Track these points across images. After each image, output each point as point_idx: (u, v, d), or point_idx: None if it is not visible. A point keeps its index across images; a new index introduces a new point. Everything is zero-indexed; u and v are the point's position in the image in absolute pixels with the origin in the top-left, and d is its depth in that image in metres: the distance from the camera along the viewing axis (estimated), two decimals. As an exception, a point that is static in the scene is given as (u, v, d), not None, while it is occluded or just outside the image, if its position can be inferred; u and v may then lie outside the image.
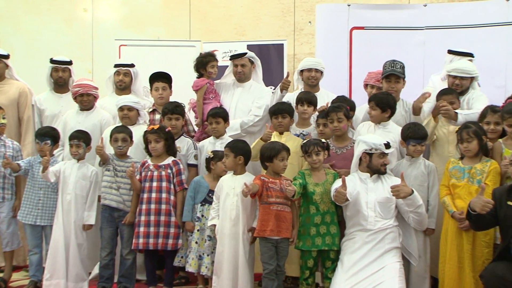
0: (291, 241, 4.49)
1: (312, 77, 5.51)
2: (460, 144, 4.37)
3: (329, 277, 4.42)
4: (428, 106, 4.89)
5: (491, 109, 4.55)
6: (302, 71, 5.57)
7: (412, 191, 4.22)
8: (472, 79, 5.03)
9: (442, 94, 4.81)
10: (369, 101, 4.86)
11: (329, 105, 5.05)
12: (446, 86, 5.05)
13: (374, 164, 4.40)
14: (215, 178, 4.84)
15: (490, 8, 6.33)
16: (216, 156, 4.81)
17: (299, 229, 4.51)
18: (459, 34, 6.25)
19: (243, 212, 4.52)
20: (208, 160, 4.87)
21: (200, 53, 5.82)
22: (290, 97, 5.35)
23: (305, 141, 4.61)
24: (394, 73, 5.02)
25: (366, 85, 5.64)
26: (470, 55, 5.33)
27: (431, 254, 4.54)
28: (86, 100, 5.42)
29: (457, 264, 4.21)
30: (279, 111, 5.00)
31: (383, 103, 4.78)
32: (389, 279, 4.18)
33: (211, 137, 5.18)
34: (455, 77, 5.00)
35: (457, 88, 4.98)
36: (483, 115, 4.59)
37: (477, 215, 3.95)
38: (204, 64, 5.55)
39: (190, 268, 4.77)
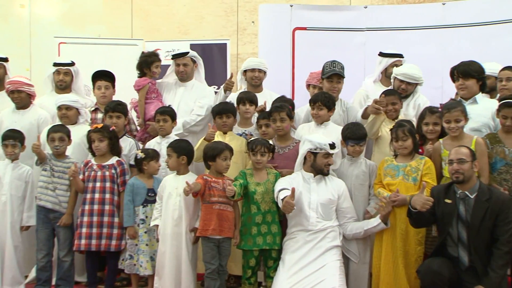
0: (235, 241, 4.49)
1: (255, 77, 5.52)
2: (394, 142, 4.44)
3: (271, 276, 4.44)
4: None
5: (429, 110, 4.65)
6: (245, 71, 5.58)
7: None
8: (416, 84, 5.15)
9: (385, 94, 4.90)
10: (314, 101, 4.87)
11: (267, 104, 5.09)
12: (377, 89, 5.17)
13: (318, 164, 4.43)
14: (149, 177, 4.79)
15: (427, 11, 6.50)
16: (148, 155, 4.76)
17: (241, 229, 4.51)
18: (398, 36, 6.39)
19: (186, 212, 4.49)
20: (140, 161, 4.78)
21: (143, 52, 5.74)
22: (232, 97, 5.35)
23: (252, 138, 4.63)
24: (337, 73, 5.08)
25: (308, 85, 5.67)
26: (400, 56, 5.47)
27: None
28: (18, 97, 5.26)
29: (392, 260, 4.28)
30: (224, 111, 4.98)
31: (330, 103, 4.83)
32: (330, 277, 4.22)
33: (158, 137, 5.11)
34: (401, 81, 5.09)
35: (402, 92, 5.07)
36: (421, 116, 4.69)
37: (417, 212, 4.05)
38: (149, 63, 5.49)
39: (146, 271, 4.66)
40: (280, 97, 5.29)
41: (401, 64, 5.40)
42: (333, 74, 5.05)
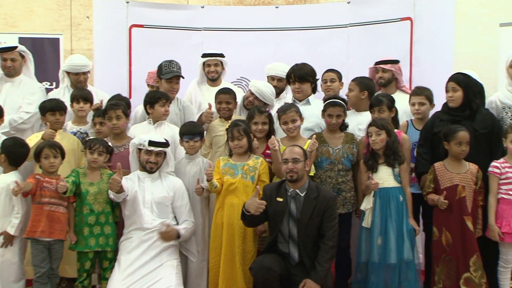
0: (72, 242, 4.33)
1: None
2: (230, 142, 4.50)
3: (107, 278, 4.33)
4: None
5: (258, 110, 4.73)
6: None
7: None
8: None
9: (219, 93, 4.99)
10: (160, 99, 4.81)
11: (103, 102, 4.97)
12: (203, 90, 5.34)
13: (140, 160, 4.43)
14: None
15: (262, 13, 6.69)
16: None
17: (74, 230, 4.36)
18: (234, 36, 6.48)
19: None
20: None
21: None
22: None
23: (89, 137, 4.55)
24: (178, 74, 5.07)
25: (148, 85, 5.63)
26: (221, 55, 5.59)
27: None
28: None
29: (230, 258, 4.34)
30: (57, 107, 4.79)
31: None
32: (166, 276, 4.21)
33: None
34: (253, 94, 5.11)
35: (248, 104, 5.13)
36: (250, 115, 4.76)
37: (251, 215, 4.14)
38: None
39: None
40: (115, 95, 5.19)
41: (215, 63, 5.56)
42: (175, 75, 5.05)
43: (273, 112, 4.89)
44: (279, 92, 5.44)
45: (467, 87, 4.43)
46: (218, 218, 4.45)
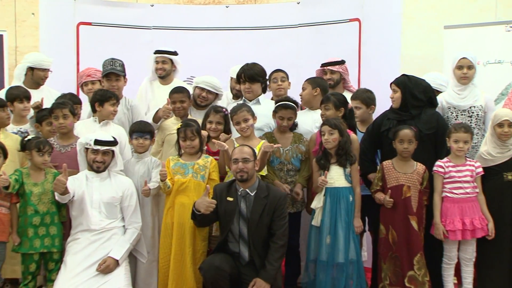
0: (15, 244, 4.22)
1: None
2: (182, 142, 4.48)
3: (53, 280, 4.24)
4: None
5: (214, 109, 4.76)
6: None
7: None
8: (216, 95, 5.27)
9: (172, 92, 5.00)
10: (111, 98, 4.75)
11: (44, 102, 4.91)
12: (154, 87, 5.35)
13: (87, 160, 4.37)
14: None
15: (213, 12, 6.69)
16: None
17: (18, 231, 4.25)
18: (185, 35, 6.46)
19: None
20: None
21: None
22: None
23: (28, 137, 4.42)
24: (113, 72, 5.01)
25: (81, 85, 5.56)
26: (171, 53, 5.57)
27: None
28: None
29: (180, 257, 4.32)
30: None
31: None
32: (115, 277, 4.15)
33: None
34: (202, 89, 5.15)
35: (202, 101, 5.16)
36: (206, 114, 4.78)
37: (201, 214, 4.14)
38: None
39: None
40: (65, 94, 5.11)
41: (163, 61, 5.54)
42: (111, 72, 5.00)
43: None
44: (241, 94, 5.40)
45: (405, 88, 4.52)
46: (168, 218, 4.43)
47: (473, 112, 4.77)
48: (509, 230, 4.37)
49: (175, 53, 5.60)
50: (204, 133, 4.58)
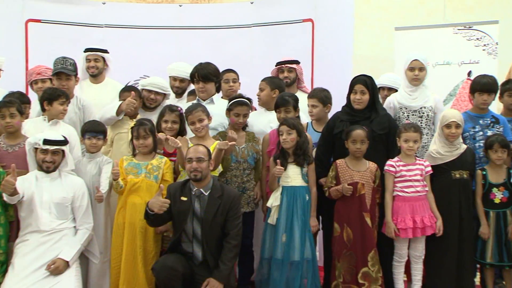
0: None
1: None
2: (135, 141, 4.45)
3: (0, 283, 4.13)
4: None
5: (169, 108, 4.72)
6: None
7: None
8: (164, 95, 5.25)
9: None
10: (60, 96, 4.65)
11: None
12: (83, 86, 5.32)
13: (36, 160, 4.29)
14: None
15: (165, 11, 6.65)
16: None
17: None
18: (137, 34, 6.42)
19: None
20: None
21: None
22: None
23: None
24: (64, 71, 4.93)
25: (31, 83, 5.45)
26: (103, 51, 5.50)
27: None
28: None
29: (132, 258, 4.28)
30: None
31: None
32: (65, 279, 4.08)
33: None
34: (150, 91, 5.13)
35: (151, 103, 5.15)
36: (161, 114, 4.73)
37: (154, 214, 4.10)
38: None
39: None
40: (14, 92, 4.99)
41: (95, 59, 5.46)
42: (60, 71, 4.92)
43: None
44: (181, 92, 5.46)
45: (373, 89, 4.59)
46: (120, 218, 4.39)
47: (423, 113, 4.86)
48: (457, 227, 4.47)
49: (106, 51, 5.54)
50: (161, 135, 4.54)
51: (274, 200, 4.41)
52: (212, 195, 4.19)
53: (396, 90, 5.14)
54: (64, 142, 4.31)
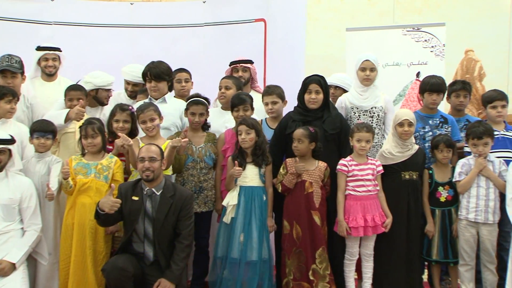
0: None
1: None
2: (84, 140, 4.39)
3: None
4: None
5: (120, 108, 4.67)
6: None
7: None
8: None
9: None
10: (6, 95, 4.55)
11: None
12: (32, 85, 5.20)
13: None
14: None
15: (116, 9, 6.59)
16: None
17: None
18: (87, 31, 6.35)
19: None
20: None
21: None
22: None
23: None
24: (9, 69, 4.83)
25: None
26: (58, 49, 5.43)
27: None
28: None
29: (81, 259, 4.23)
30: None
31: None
32: (10, 281, 4.01)
33: None
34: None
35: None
36: (112, 113, 4.68)
37: (105, 214, 4.05)
38: None
39: None
40: None
41: (54, 58, 5.38)
42: (6, 69, 4.81)
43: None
44: (134, 96, 5.41)
45: (326, 89, 4.64)
46: (69, 219, 4.33)
47: (374, 113, 4.93)
48: (405, 226, 4.55)
49: (60, 49, 5.45)
50: (118, 141, 4.46)
51: (231, 199, 4.41)
52: (164, 194, 4.17)
53: (344, 90, 5.20)
54: (11, 141, 4.22)
